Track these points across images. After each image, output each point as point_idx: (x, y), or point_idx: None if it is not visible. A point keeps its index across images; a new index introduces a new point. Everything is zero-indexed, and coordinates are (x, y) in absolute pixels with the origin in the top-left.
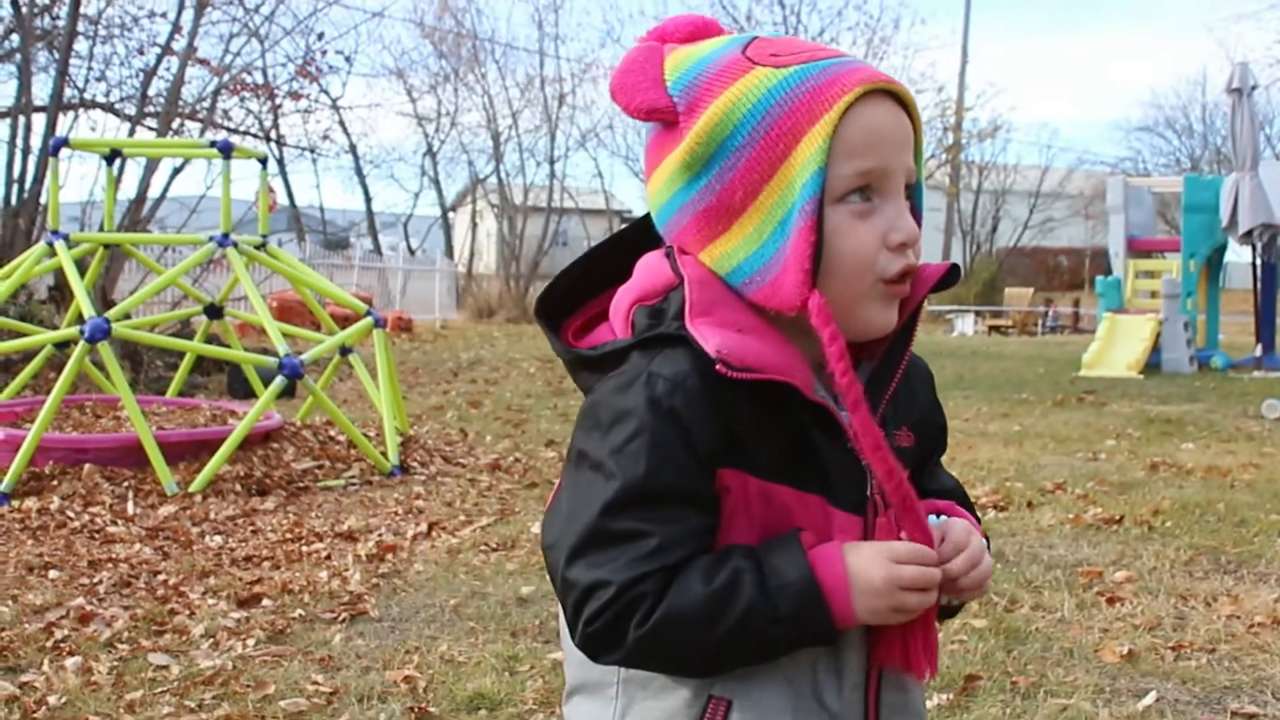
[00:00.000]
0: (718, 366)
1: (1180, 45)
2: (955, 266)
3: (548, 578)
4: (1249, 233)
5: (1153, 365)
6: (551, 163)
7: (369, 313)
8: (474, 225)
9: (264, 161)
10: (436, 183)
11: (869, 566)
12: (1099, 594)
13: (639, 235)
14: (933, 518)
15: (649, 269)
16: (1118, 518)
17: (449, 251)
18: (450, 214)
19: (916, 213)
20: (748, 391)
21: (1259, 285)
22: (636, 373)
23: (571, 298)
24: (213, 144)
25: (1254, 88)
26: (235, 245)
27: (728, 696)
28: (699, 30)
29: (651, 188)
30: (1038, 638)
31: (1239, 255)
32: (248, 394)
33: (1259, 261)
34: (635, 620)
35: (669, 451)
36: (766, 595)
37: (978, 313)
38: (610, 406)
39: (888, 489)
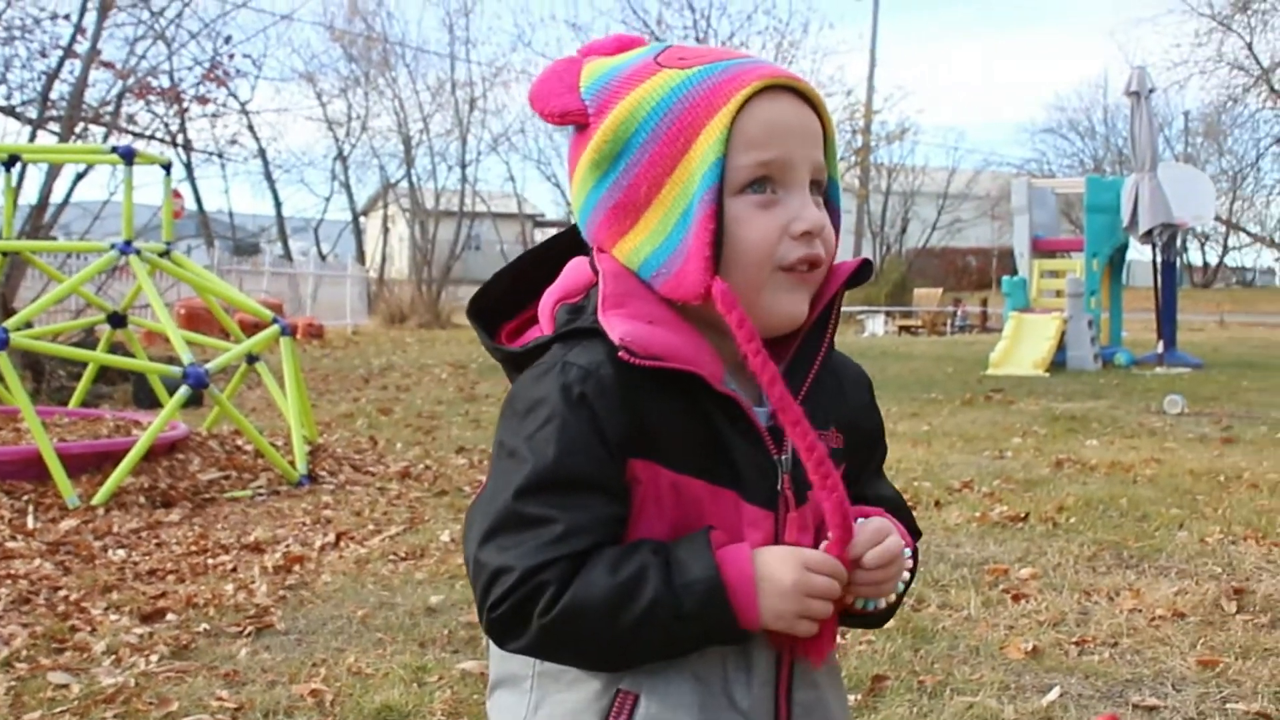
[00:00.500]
0: (620, 354)
1: (1083, 49)
2: (868, 261)
3: (458, 586)
4: (1149, 232)
5: (1058, 363)
6: (463, 167)
7: (275, 320)
8: (385, 230)
9: (168, 167)
10: (347, 187)
11: (779, 569)
12: (1005, 591)
13: (572, 241)
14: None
15: (573, 269)
16: (1023, 515)
17: (360, 257)
18: (361, 219)
19: (834, 210)
20: (659, 383)
21: (1160, 283)
22: (552, 363)
23: (509, 301)
24: (114, 149)
25: (1152, 91)
26: (138, 252)
27: (635, 690)
28: (624, 45)
29: (571, 190)
30: (944, 636)
31: (1140, 254)
32: (153, 404)
33: (1159, 260)
34: (539, 608)
35: (579, 438)
36: (671, 591)
37: (888, 313)
38: (526, 396)
39: (808, 465)
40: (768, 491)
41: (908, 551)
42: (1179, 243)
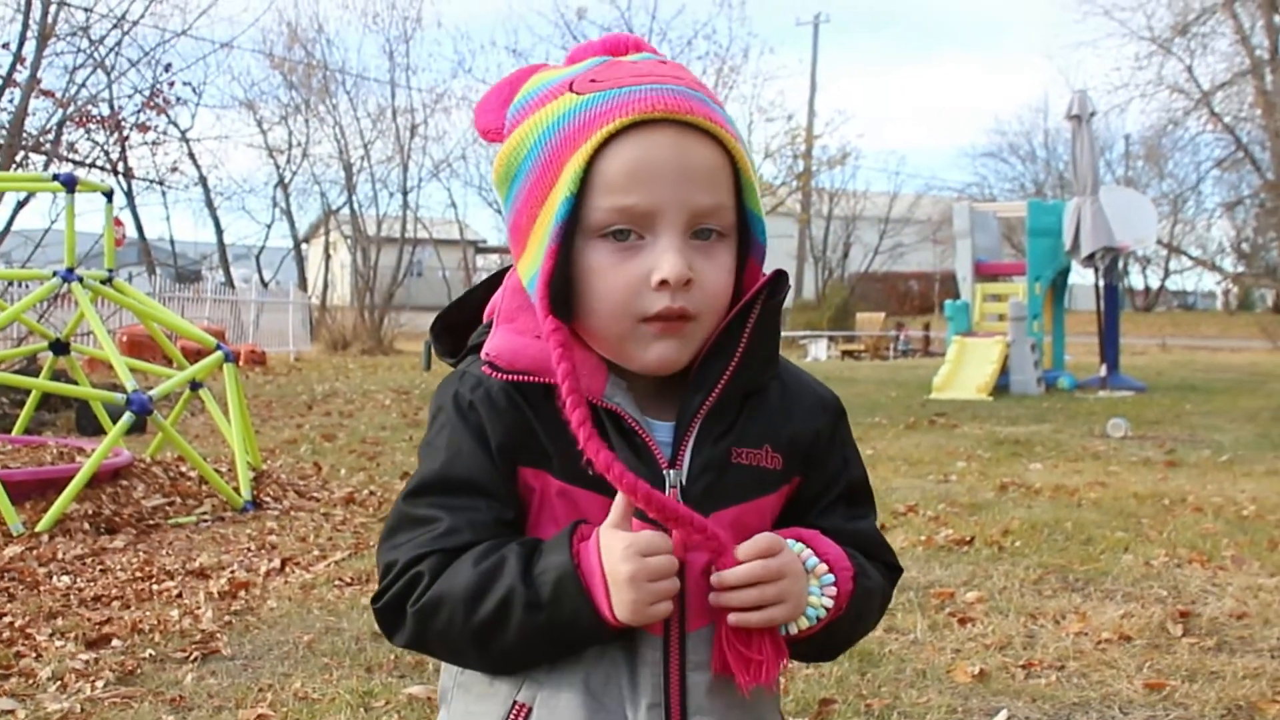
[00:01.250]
0: (484, 368)
1: (1023, 73)
2: (781, 273)
3: None
4: (1091, 255)
5: (1001, 387)
6: (405, 193)
7: (219, 347)
8: (327, 257)
9: (109, 195)
10: (289, 214)
11: (616, 563)
12: (951, 615)
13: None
14: (791, 542)
15: (502, 290)
16: (969, 539)
17: (302, 283)
18: (303, 245)
19: (755, 245)
20: (548, 396)
21: (1102, 307)
22: (456, 374)
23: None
24: (56, 177)
25: (1092, 114)
26: (80, 280)
27: (529, 703)
28: (609, 48)
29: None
30: (891, 660)
31: (1083, 278)
32: (97, 431)
33: (1101, 283)
34: (412, 599)
35: (464, 444)
36: (527, 580)
37: (830, 338)
38: (433, 404)
39: (633, 497)
40: None
41: (828, 577)
42: (1121, 266)
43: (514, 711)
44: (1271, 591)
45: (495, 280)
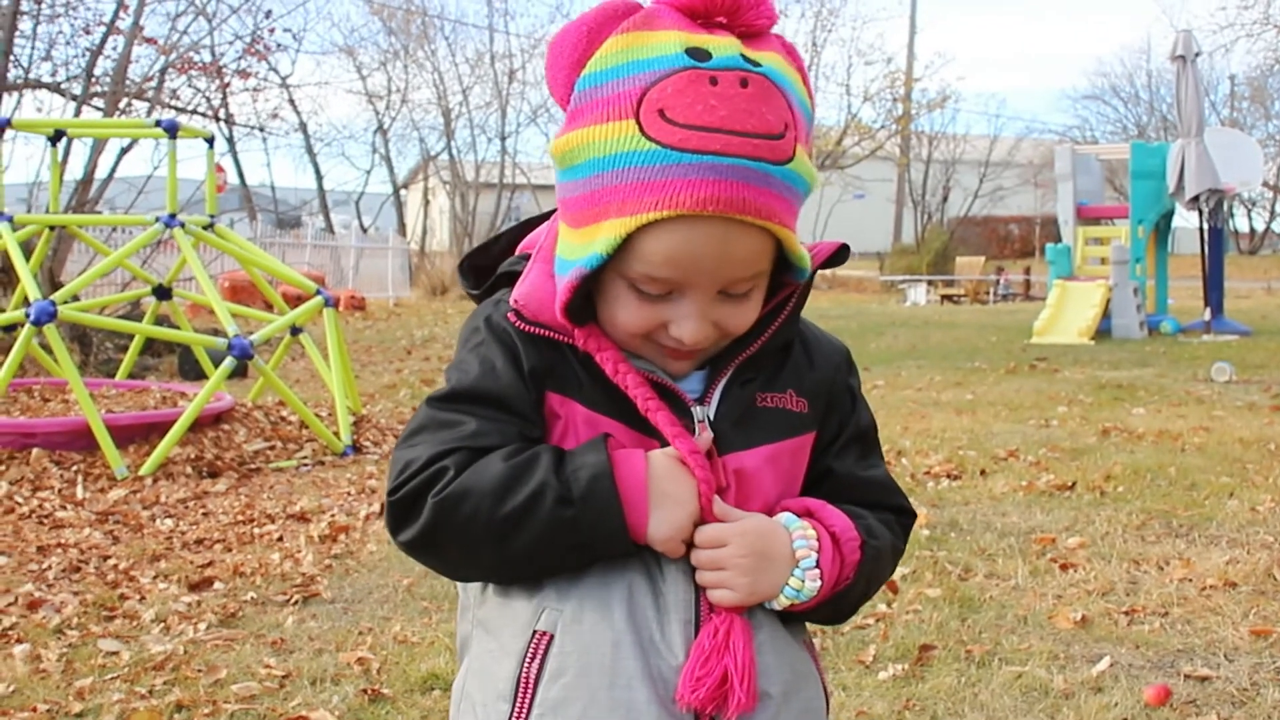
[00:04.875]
0: (509, 314)
1: (1125, 14)
2: (845, 246)
3: None
4: (1195, 198)
5: (1103, 331)
6: (503, 139)
7: (319, 292)
8: (426, 203)
9: (211, 141)
10: (388, 160)
11: (673, 482)
12: (1052, 560)
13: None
14: (790, 516)
15: (546, 225)
16: (1070, 484)
17: (401, 229)
18: (402, 191)
19: (795, 285)
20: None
21: (1206, 250)
22: (490, 301)
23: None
24: (158, 123)
25: (1197, 55)
26: (182, 226)
27: (550, 630)
28: (700, 8)
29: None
30: (992, 606)
31: (1187, 221)
32: (199, 376)
33: (1206, 227)
34: (435, 489)
35: (498, 362)
36: (560, 476)
37: (930, 282)
38: (465, 328)
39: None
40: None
41: (809, 561)
42: (1226, 209)
43: (534, 641)
44: None
45: (526, 225)
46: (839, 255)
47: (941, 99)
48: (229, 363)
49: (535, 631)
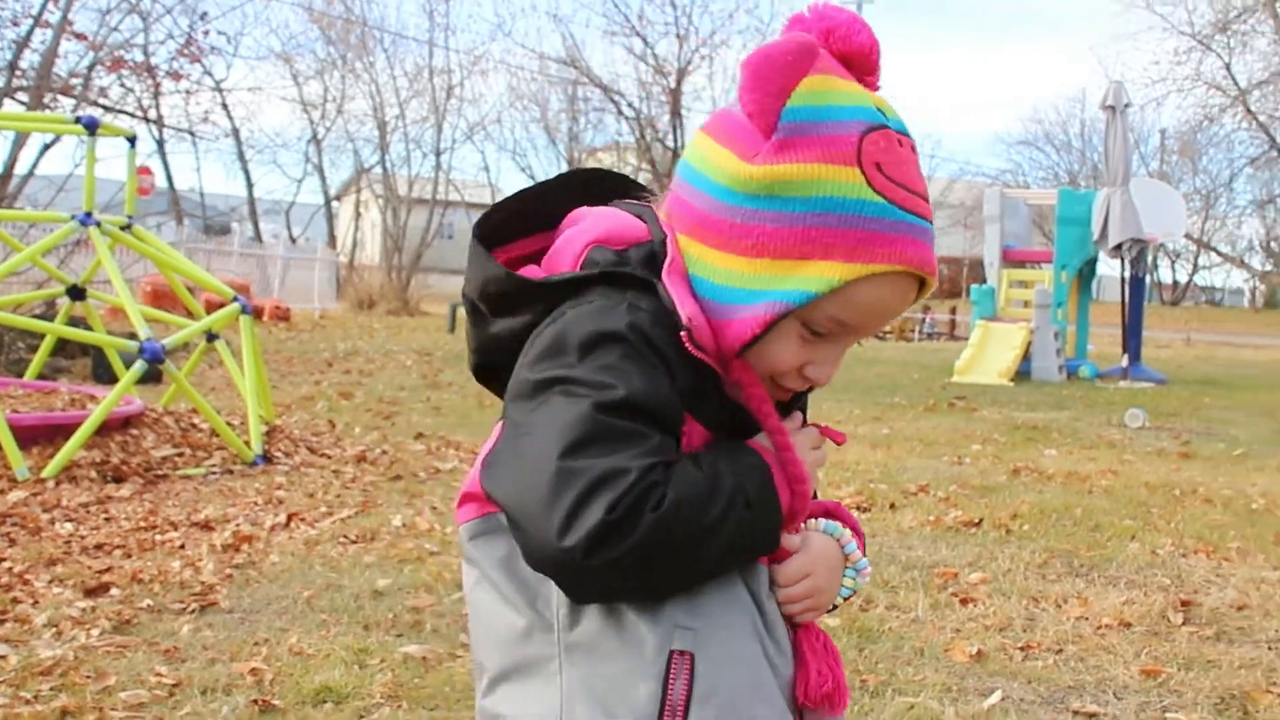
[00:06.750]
0: (683, 334)
1: (1064, 64)
2: None
3: (406, 570)
4: (1118, 246)
5: (1023, 373)
6: (438, 154)
7: (236, 298)
8: (358, 215)
9: (133, 140)
10: (321, 170)
11: (809, 452)
12: (953, 595)
13: (573, 191)
14: (830, 523)
15: (612, 218)
16: (977, 520)
17: (331, 241)
18: (334, 203)
19: None
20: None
21: (1127, 298)
22: (618, 300)
23: (500, 233)
24: (78, 119)
25: (1127, 105)
26: (98, 224)
27: (688, 649)
28: (856, 53)
29: (702, 153)
30: (890, 637)
31: (1110, 269)
32: (112, 379)
33: (1127, 275)
34: (651, 503)
35: (657, 373)
36: (739, 473)
37: None
38: (587, 330)
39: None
40: None
41: (864, 563)
42: (1148, 258)
43: (673, 662)
44: (1274, 584)
45: (554, 185)
46: None
47: None
48: (139, 365)
49: (673, 652)
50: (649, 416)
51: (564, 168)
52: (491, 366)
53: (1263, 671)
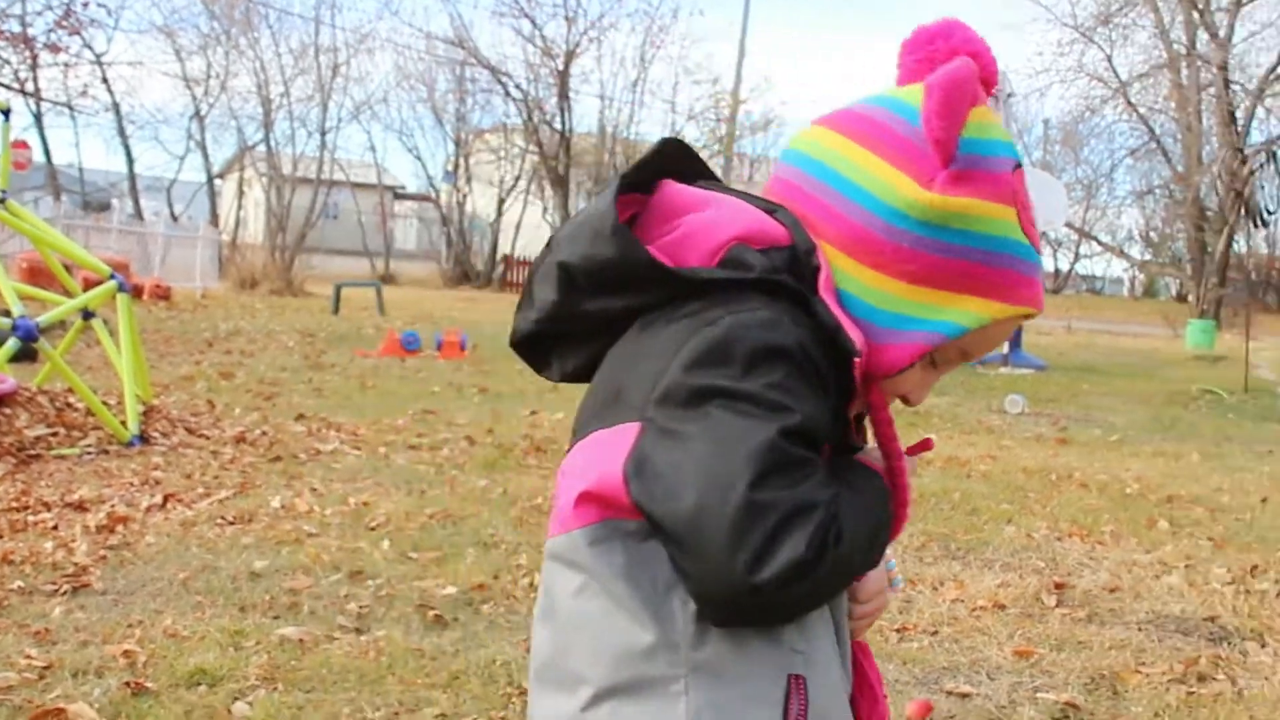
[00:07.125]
0: (856, 360)
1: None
2: None
3: (284, 551)
4: None
5: None
6: (323, 133)
7: (113, 276)
8: (241, 194)
9: (7, 113)
10: (203, 148)
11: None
12: None
13: (668, 161)
14: None
15: (748, 213)
16: None
17: (214, 219)
18: (217, 181)
19: None
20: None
21: None
22: (778, 314)
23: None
24: None
25: (1010, 95)
26: None
27: (802, 673)
28: (990, 80)
29: (859, 163)
30: None
31: None
32: None
33: None
34: (833, 538)
35: (821, 396)
36: (878, 502)
37: None
38: (757, 342)
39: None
40: None
41: (899, 580)
42: None
43: (792, 686)
44: (1145, 567)
45: (651, 155)
46: None
47: (765, 123)
48: (12, 344)
49: (791, 676)
50: (817, 442)
51: (451, 149)
52: (547, 335)
53: (1132, 652)
